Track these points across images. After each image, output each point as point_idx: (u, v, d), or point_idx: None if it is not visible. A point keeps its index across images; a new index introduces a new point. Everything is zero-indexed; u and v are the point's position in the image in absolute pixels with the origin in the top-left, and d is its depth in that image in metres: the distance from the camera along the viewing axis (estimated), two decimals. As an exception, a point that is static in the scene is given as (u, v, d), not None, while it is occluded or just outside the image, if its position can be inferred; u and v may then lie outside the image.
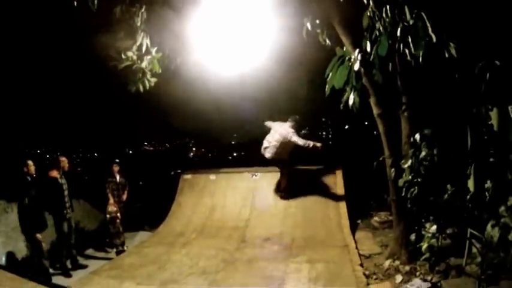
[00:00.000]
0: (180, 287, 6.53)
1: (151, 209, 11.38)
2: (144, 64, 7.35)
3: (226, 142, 20.31)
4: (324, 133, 21.42)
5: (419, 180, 5.37)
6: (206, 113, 15.91)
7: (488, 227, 4.36)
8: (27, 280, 3.98)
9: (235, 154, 19.38)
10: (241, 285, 6.47)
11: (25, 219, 7.16)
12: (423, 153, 5.35)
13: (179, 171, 12.71)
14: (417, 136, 5.48)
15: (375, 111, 6.76)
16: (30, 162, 7.38)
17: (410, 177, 5.46)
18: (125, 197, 9.46)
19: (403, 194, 5.60)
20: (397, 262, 6.66)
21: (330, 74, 6.40)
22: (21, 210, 7.20)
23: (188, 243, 8.84)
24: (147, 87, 7.55)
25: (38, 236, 7.16)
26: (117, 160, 9.82)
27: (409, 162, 5.50)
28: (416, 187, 5.39)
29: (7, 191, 7.44)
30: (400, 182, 5.59)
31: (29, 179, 7.33)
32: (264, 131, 9.95)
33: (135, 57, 7.27)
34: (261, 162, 10.58)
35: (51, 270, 7.85)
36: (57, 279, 7.45)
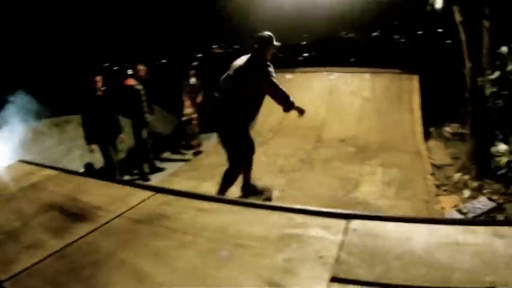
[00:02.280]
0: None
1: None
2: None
3: (295, 42, 19.99)
4: (397, 37, 20.72)
5: (505, 93, 5.24)
6: (276, 14, 15.62)
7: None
8: (120, 185, 4.17)
9: (305, 55, 19.05)
10: (318, 184, 6.70)
11: (88, 132, 7.38)
12: (510, 67, 5.18)
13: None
14: (504, 49, 5.27)
15: (458, 18, 6.59)
16: (98, 78, 7.40)
17: (496, 88, 5.34)
18: (199, 99, 9.55)
19: (488, 105, 5.50)
20: (467, 176, 6.72)
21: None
22: (84, 123, 7.40)
23: (265, 142, 9.04)
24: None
25: (93, 147, 7.38)
26: (193, 63, 9.89)
27: (496, 74, 5.34)
28: (502, 100, 5.27)
29: (82, 105, 7.55)
30: (487, 92, 5.47)
31: (97, 93, 7.41)
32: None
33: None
34: (335, 62, 10.43)
35: (129, 177, 8.38)
36: (136, 185, 7.85)
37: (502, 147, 5.97)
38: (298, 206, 3.03)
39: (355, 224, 2.67)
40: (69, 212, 3.51)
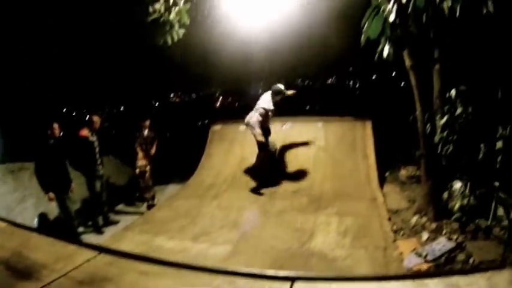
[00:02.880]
0: (212, 240, 6.61)
1: (180, 161, 11.44)
2: (171, 16, 7.24)
3: (253, 91, 20.22)
4: (351, 83, 21.18)
5: (454, 137, 5.26)
6: (232, 63, 15.80)
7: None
8: (66, 243, 4.01)
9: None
10: (272, 237, 6.54)
11: (42, 180, 7.21)
12: (459, 111, 5.21)
13: (207, 121, 12.70)
14: (453, 92, 5.32)
15: (408, 62, 6.63)
16: (55, 126, 7.37)
17: (445, 134, 5.35)
18: (153, 151, 9.41)
19: (438, 151, 5.50)
20: (424, 219, 6.68)
21: (366, 24, 6.24)
22: (38, 171, 7.25)
23: (219, 195, 8.90)
24: (175, 40, 7.44)
25: (51, 195, 7.20)
26: (147, 115, 9.82)
27: (445, 118, 5.37)
28: (451, 145, 5.28)
29: (36, 152, 7.40)
30: (436, 139, 5.47)
31: (52, 141, 7.34)
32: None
33: (162, 9, 7.17)
34: (291, 110, 10.52)
35: (82, 229, 8.12)
36: (90, 237, 7.66)
37: (458, 185, 6.00)
38: (241, 269, 2.92)
39: (299, 286, 2.54)
40: (15, 268, 3.39)
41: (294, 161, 9.72)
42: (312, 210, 7.62)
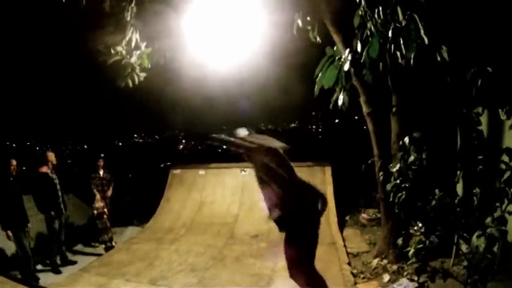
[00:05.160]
0: (170, 285, 6.50)
1: (140, 202, 11.31)
2: (133, 59, 7.27)
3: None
4: (313, 127, 21.47)
5: (407, 185, 5.27)
6: (195, 107, 15.92)
7: (474, 238, 4.34)
8: (18, 283, 3.87)
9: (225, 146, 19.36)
10: (230, 282, 6.46)
11: (2, 216, 7.07)
12: (412, 158, 5.23)
13: (169, 163, 12.62)
14: (406, 139, 5.34)
15: (365, 109, 6.74)
16: (13, 162, 7.26)
17: (398, 181, 5.36)
18: (109, 192, 9.37)
19: (390, 199, 5.51)
20: (385, 261, 6.69)
21: (320, 74, 6.34)
22: None
23: (177, 239, 8.84)
24: (136, 82, 7.45)
25: (9, 232, 7.03)
26: (102, 155, 9.72)
27: (398, 166, 5.39)
28: (404, 192, 5.29)
29: None
30: (388, 187, 5.48)
31: (10, 178, 7.21)
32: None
33: (124, 52, 7.19)
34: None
35: (40, 267, 7.87)
36: (47, 276, 7.44)
37: (415, 228, 6.00)
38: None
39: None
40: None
41: (252, 207, 9.71)
42: (271, 255, 7.49)
